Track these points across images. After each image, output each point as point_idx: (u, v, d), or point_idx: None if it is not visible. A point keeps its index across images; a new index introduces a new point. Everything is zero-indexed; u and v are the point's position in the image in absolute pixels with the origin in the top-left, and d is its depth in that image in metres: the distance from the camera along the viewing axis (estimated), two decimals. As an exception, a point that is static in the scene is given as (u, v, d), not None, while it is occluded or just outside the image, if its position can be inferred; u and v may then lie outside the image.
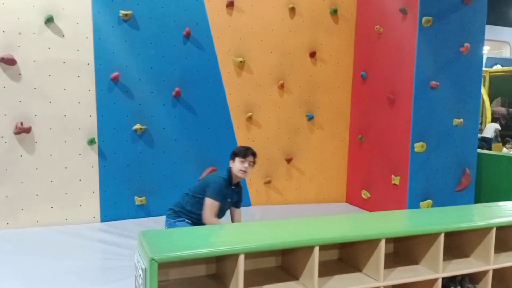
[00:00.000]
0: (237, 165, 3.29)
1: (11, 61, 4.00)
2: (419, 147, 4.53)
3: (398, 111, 4.69)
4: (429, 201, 4.63)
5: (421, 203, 4.60)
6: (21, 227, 4.05)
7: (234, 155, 3.34)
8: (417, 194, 4.60)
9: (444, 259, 2.37)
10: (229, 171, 3.35)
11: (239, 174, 3.30)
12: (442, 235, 2.34)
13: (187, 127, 4.76)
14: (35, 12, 4.09)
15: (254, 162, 3.36)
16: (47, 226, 4.11)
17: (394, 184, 4.71)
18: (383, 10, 4.90)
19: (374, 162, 5.04)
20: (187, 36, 4.66)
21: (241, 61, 4.88)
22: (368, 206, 5.08)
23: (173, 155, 4.70)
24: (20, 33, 4.05)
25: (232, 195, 3.39)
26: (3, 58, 3.97)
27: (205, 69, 4.77)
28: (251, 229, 2.35)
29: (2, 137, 4.04)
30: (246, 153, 3.30)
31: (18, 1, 4.03)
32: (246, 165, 3.27)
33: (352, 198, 5.42)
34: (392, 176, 4.72)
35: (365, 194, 5.12)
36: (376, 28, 4.91)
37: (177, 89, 4.63)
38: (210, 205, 3.22)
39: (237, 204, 3.50)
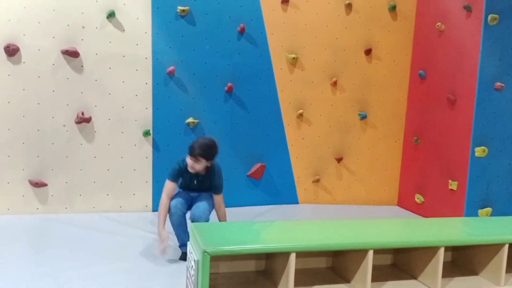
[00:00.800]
0: (188, 160, 3.27)
1: (74, 54, 4.19)
2: (480, 151, 4.29)
3: (459, 113, 4.46)
4: (488, 209, 4.38)
5: (480, 211, 4.36)
6: (78, 212, 4.25)
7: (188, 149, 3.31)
8: (476, 201, 4.36)
9: (506, 271, 2.24)
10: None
11: (189, 169, 3.28)
12: (506, 246, 2.20)
13: (238, 122, 4.78)
14: (97, 7, 4.25)
15: (204, 159, 3.26)
16: (102, 213, 4.29)
17: (451, 190, 4.49)
18: (445, 7, 4.67)
19: (430, 165, 4.83)
20: (242, 32, 4.67)
21: (294, 58, 4.84)
22: (422, 211, 4.89)
23: (223, 150, 4.67)
24: (83, 27, 4.23)
25: (197, 177, 3.34)
26: (67, 51, 4.16)
27: (258, 65, 4.77)
28: (302, 227, 2.32)
29: (64, 125, 4.24)
30: (193, 151, 3.24)
31: (83, -4, 4.22)
32: (193, 162, 3.24)
33: (405, 202, 5.23)
34: (449, 181, 4.50)
35: (418, 199, 4.93)
36: (438, 26, 4.69)
37: (229, 84, 4.66)
38: (165, 184, 3.33)
39: (212, 189, 3.39)
